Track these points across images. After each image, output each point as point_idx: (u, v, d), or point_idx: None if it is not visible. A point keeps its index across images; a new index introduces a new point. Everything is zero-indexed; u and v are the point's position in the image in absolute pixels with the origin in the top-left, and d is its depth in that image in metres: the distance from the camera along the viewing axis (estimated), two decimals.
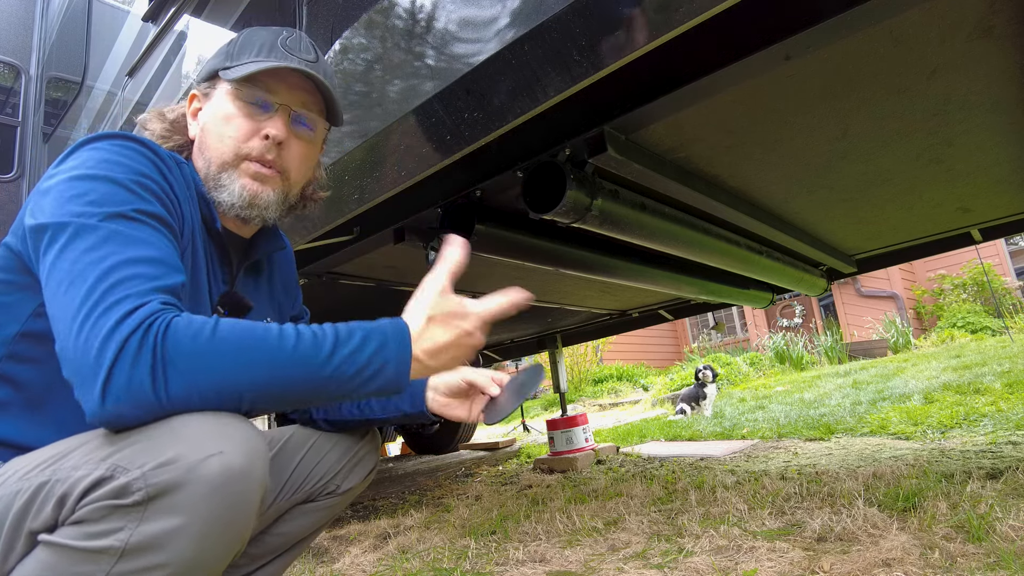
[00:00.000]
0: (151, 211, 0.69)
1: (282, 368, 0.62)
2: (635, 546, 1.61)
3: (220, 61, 0.86)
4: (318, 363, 0.63)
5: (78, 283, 0.60)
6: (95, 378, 0.57)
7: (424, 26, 1.06)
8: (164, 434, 0.59)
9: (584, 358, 10.14)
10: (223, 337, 0.61)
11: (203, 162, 0.85)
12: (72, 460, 0.61)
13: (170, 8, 1.90)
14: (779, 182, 1.58)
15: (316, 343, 0.64)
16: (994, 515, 1.39)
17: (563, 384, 3.77)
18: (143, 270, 0.63)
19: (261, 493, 0.63)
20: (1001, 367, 4.21)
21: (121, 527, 0.57)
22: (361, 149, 1.21)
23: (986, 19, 0.96)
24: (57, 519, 0.59)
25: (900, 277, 9.01)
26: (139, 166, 0.71)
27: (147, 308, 0.60)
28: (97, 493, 0.58)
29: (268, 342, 0.62)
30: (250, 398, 0.62)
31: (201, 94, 0.88)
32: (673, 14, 0.76)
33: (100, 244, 0.63)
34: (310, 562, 1.93)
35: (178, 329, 0.59)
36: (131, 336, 0.57)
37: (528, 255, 1.57)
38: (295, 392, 0.64)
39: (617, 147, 1.17)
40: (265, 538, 0.97)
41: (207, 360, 0.59)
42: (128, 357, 0.57)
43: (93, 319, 0.58)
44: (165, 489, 0.57)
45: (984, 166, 1.62)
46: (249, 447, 0.61)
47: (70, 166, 0.69)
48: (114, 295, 0.60)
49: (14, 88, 3.54)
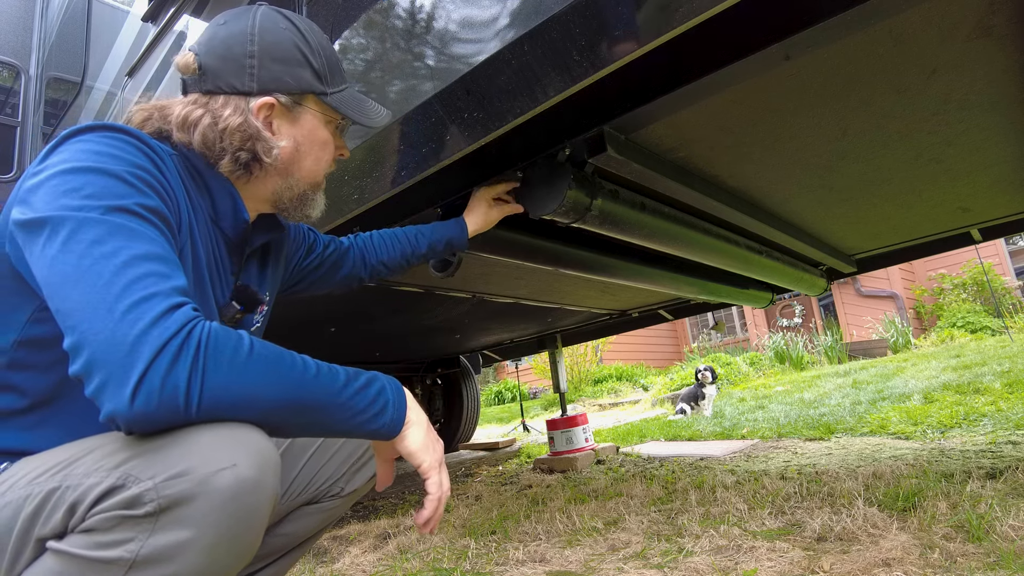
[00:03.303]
0: (151, 205, 0.66)
1: (306, 390, 0.64)
2: (635, 546, 1.61)
3: (311, 78, 0.83)
4: (334, 391, 0.66)
5: (90, 276, 0.57)
6: (127, 375, 0.54)
7: (424, 26, 1.06)
8: (178, 443, 0.58)
9: (584, 358, 10.14)
10: (259, 354, 0.61)
11: (286, 176, 0.86)
12: (83, 466, 0.60)
13: (170, 8, 1.90)
14: (779, 182, 1.58)
15: (332, 373, 0.67)
16: (994, 515, 1.39)
17: (563, 384, 3.77)
18: (155, 267, 0.61)
19: (272, 504, 0.63)
20: (1001, 367, 4.21)
21: (132, 538, 0.56)
22: (361, 149, 1.21)
23: (986, 19, 0.95)
24: (67, 526, 0.58)
25: (900, 277, 9.01)
26: (133, 158, 0.68)
27: (184, 311, 0.59)
28: (108, 502, 0.57)
29: (296, 365, 0.64)
30: (271, 416, 0.62)
31: (283, 107, 0.83)
32: (673, 14, 0.76)
33: (106, 238, 0.60)
34: (310, 562, 1.93)
35: (219, 339, 0.59)
36: (173, 338, 0.56)
37: (528, 255, 1.56)
38: (311, 415, 0.65)
39: (617, 147, 1.17)
40: (269, 539, 0.97)
41: (244, 375, 0.59)
42: (167, 359, 0.55)
43: (120, 313, 0.56)
44: (177, 501, 0.56)
45: (984, 166, 1.62)
46: (261, 459, 0.61)
47: (60, 159, 0.65)
48: (138, 291, 0.57)
49: (14, 88, 3.53)
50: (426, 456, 0.75)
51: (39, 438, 0.69)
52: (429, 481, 0.76)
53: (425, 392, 4.63)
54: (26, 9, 3.65)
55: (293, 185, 0.87)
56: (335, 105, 0.86)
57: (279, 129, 0.83)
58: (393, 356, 3.99)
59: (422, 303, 2.30)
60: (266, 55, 0.81)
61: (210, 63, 0.81)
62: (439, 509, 0.77)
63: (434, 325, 2.89)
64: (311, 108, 0.86)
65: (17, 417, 0.70)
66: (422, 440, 0.75)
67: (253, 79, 0.80)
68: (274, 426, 0.64)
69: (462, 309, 2.55)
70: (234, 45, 0.81)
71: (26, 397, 0.70)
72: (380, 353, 3.76)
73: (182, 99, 0.83)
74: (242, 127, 0.80)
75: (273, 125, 0.83)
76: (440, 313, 2.59)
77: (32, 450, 0.67)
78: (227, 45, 0.81)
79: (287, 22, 0.84)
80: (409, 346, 3.68)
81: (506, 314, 2.84)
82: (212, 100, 0.81)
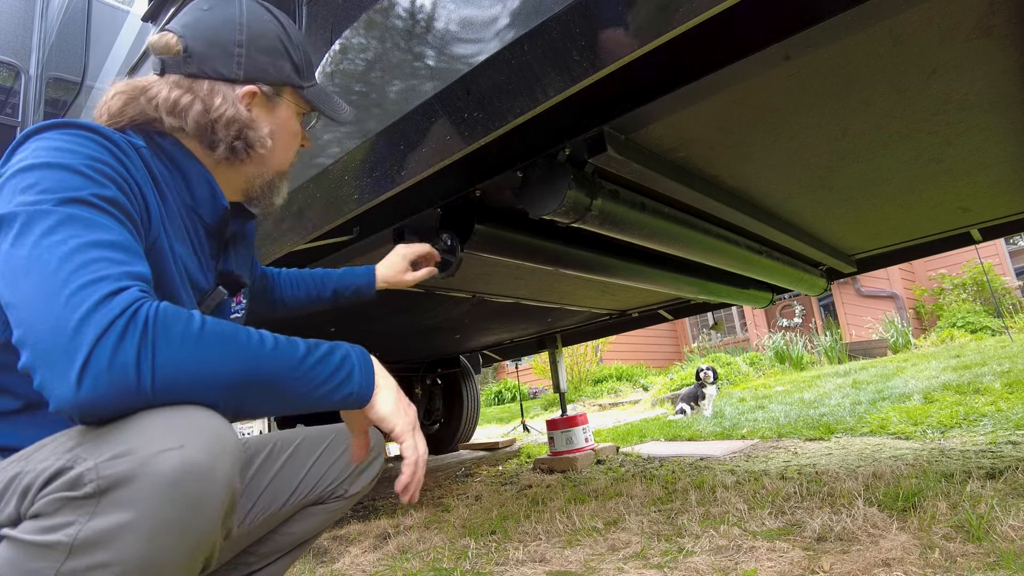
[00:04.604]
0: (108, 196, 0.64)
1: (262, 363, 0.62)
2: (635, 546, 1.61)
3: (290, 71, 0.88)
4: (294, 362, 0.64)
5: (38, 266, 0.56)
6: (70, 360, 0.52)
7: (424, 26, 1.06)
8: (129, 426, 0.56)
9: (584, 358, 10.14)
10: (211, 330, 0.60)
11: (260, 164, 0.89)
12: (43, 452, 0.59)
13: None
14: (779, 182, 1.58)
15: (291, 345, 0.65)
16: (994, 515, 1.39)
17: (563, 384, 3.77)
18: (109, 254, 0.59)
19: (227, 493, 0.59)
20: (1001, 367, 4.21)
21: (72, 521, 0.54)
22: (361, 149, 1.21)
23: (986, 19, 0.95)
24: (19, 512, 0.57)
25: (900, 277, 9.01)
26: (91, 151, 0.67)
27: (131, 292, 0.57)
28: (53, 484, 0.55)
29: (251, 339, 0.62)
30: (232, 395, 0.60)
31: (264, 96, 0.86)
32: (673, 14, 0.76)
33: (57, 228, 0.58)
34: (310, 562, 1.93)
35: (168, 315, 0.57)
36: (117, 319, 0.54)
37: (528, 255, 1.56)
38: (273, 389, 0.63)
39: (617, 147, 1.17)
40: (275, 538, 0.99)
41: (196, 350, 0.57)
42: (112, 338, 0.53)
43: (64, 298, 0.54)
44: (117, 482, 0.54)
45: (984, 166, 1.62)
46: (215, 443, 0.58)
47: (19, 158, 0.64)
48: (84, 276, 0.56)
49: (14, 88, 3.53)
50: (398, 419, 0.73)
51: (30, 438, 0.68)
52: (404, 445, 0.74)
53: (425, 392, 4.63)
54: (26, 9, 3.65)
55: (264, 172, 0.90)
56: (310, 99, 0.90)
57: (257, 117, 0.86)
58: (393, 356, 3.99)
59: (422, 303, 2.30)
60: (253, 45, 0.84)
61: (197, 47, 0.82)
62: (417, 473, 0.75)
63: (434, 325, 2.89)
64: (287, 99, 0.89)
65: (9, 418, 0.71)
66: (392, 404, 0.73)
67: (240, 67, 0.83)
68: (237, 405, 0.62)
69: (462, 309, 2.55)
70: (223, 32, 0.83)
71: (18, 399, 0.71)
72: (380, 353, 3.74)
73: (161, 80, 0.83)
74: (236, 118, 0.82)
75: (252, 113, 0.85)
76: (440, 313, 2.59)
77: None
78: (215, 31, 0.83)
79: (270, 15, 0.87)
80: (409, 346, 3.68)
81: (506, 314, 2.84)
82: (196, 84, 0.82)
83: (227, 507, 0.60)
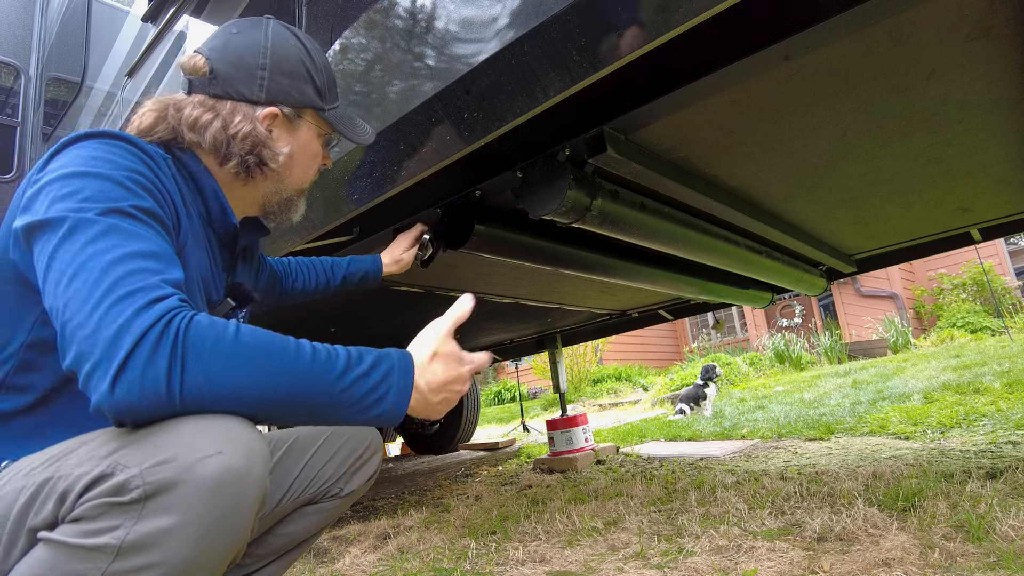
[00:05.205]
0: (146, 207, 0.69)
1: (298, 378, 0.62)
2: (635, 546, 1.61)
3: (312, 94, 0.91)
4: (331, 379, 0.64)
5: (82, 274, 0.59)
6: (107, 365, 0.56)
7: (424, 26, 1.06)
8: (166, 432, 0.58)
9: (584, 358, 10.14)
10: (245, 341, 0.61)
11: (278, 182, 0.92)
12: (76, 457, 0.61)
13: (170, 8, 1.90)
14: (778, 182, 1.58)
15: (330, 359, 0.65)
16: (993, 515, 1.39)
17: (563, 384, 3.76)
18: (148, 264, 0.63)
19: (260, 495, 0.63)
20: (1001, 367, 4.21)
21: (118, 525, 0.56)
22: (361, 149, 1.21)
23: (985, 19, 0.96)
24: (57, 516, 0.59)
25: (900, 277, 9.01)
26: (129, 163, 0.71)
27: (168, 302, 0.60)
28: (96, 490, 0.57)
29: (288, 351, 0.63)
30: (261, 405, 0.61)
31: (286, 117, 0.90)
32: (673, 14, 0.76)
33: (100, 237, 0.62)
34: (310, 562, 1.93)
35: (200, 327, 0.59)
36: (151, 328, 0.57)
37: (528, 255, 1.56)
38: (304, 405, 0.63)
39: (617, 147, 1.17)
40: (269, 538, 0.99)
41: (227, 362, 0.59)
42: (146, 349, 0.56)
43: (106, 307, 0.58)
44: (162, 487, 0.57)
45: (983, 166, 1.62)
46: (249, 449, 0.61)
47: (59, 165, 0.68)
48: (126, 286, 0.59)
49: (14, 88, 3.53)
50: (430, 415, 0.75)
51: (47, 436, 0.70)
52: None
53: None
54: (26, 9, 3.65)
55: (282, 190, 0.94)
56: (331, 121, 0.95)
57: (278, 138, 0.90)
58: None
59: (422, 303, 2.30)
60: (276, 69, 0.88)
61: (222, 69, 0.86)
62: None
63: None
64: (309, 121, 0.93)
65: (27, 415, 0.72)
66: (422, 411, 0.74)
67: (262, 89, 0.87)
68: (267, 416, 0.63)
69: None
70: (247, 55, 0.87)
71: (36, 397, 0.73)
72: None
73: (188, 98, 0.87)
74: (252, 134, 0.86)
75: (273, 134, 0.89)
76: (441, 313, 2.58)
77: (39, 448, 0.68)
78: (240, 55, 0.87)
79: (295, 39, 0.91)
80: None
81: (506, 314, 2.84)
82: (220, 104, 0.86)
83: (260, 508, 0.64)
